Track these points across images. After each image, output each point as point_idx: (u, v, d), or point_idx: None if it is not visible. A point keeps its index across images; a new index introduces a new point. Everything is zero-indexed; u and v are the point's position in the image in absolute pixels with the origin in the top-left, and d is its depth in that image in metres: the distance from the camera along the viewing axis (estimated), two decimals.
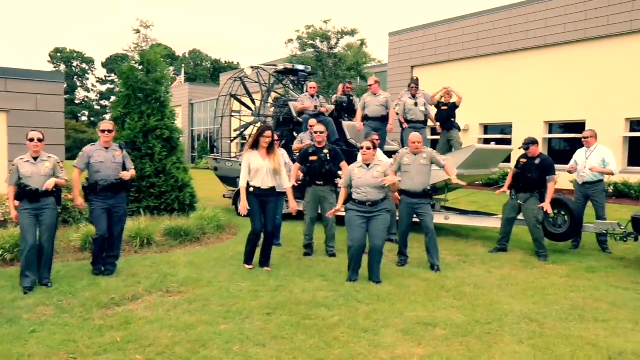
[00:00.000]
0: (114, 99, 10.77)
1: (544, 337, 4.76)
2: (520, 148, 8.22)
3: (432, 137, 19.58)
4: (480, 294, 6.04)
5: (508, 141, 19.79)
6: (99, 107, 76.39)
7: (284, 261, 7.54)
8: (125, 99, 10.27)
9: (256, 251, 7.13)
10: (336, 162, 7.94)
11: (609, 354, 4.42)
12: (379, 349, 4.48)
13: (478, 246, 8.83)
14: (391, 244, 8.54)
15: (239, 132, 14.44)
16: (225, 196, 13.31)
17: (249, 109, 13.88)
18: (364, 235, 6.48)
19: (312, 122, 9.57)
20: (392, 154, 8.95)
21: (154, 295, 5.86)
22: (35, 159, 6.13)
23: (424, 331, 4.87)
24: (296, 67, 13.47)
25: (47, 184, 6.02)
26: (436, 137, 12.48)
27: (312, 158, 8.00)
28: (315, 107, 11.09)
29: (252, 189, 6.82)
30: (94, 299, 5.64)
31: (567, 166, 9.08)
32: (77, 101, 75.13)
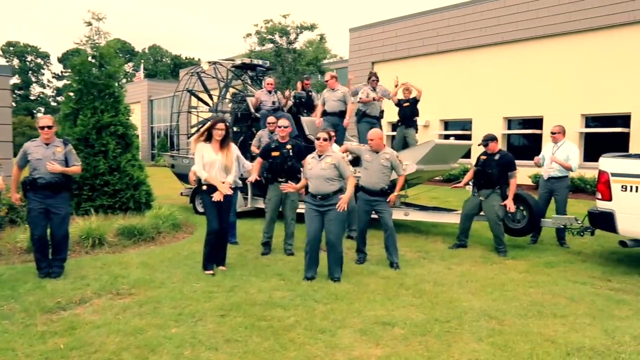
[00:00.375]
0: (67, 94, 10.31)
1: (503, 335, 4.70)
2: (479, 145, 8.20)
3: (393, 133, 19.57)
4: (440, 291, 5.97)
5: (468, 137, 19.92)
6: (55, 104, 74.29)
7: (240, 260, 7.34)
8: (77, 94, 9.92)
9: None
10: (299, 158, 7.70)
11: (567, 350, 4.39)
12: (336, 350, 4.34)
13: (438, 242, 8.79)
14: (351, 241, 8.42)
15: (196, 129, 14.11)
16: (182, 194, 13.02)
17: (206, 104, 13.59)
18: (318, 228, 6.33)
19: (271, 119, 9.39)
20: None
21: (103, 298, 5.59)
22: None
23: (382, 331, 4.75)
24: (254, 62, 13.25)
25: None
26: (394, 132, 12.39)
27: (274, 153, 7.79)
28: (274, 102, 10.90)
29: (205, 186, 6.56)
30: (38, 304, 5.34)
31: (534, 160, 9.03)
32: (32, 97, 73.04)
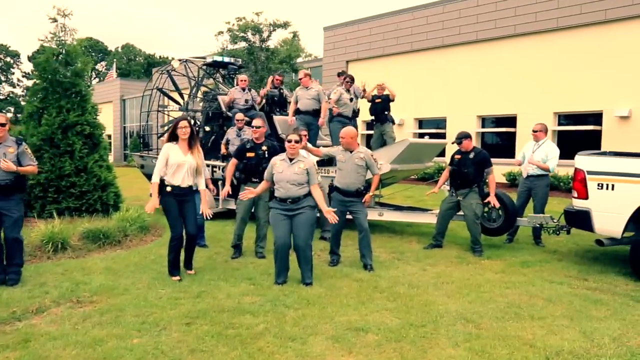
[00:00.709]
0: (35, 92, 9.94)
1: (480, 339, 4.53)
2: (453, 143, 8.06)
3: (368, 131, 19.48)
4: (415, 293, 5.79)
5: (443, 136, 19.87)
6: (25, 103, 72.83)
7: (209, 264, 7.08)
8: (42, 92, 9.57)
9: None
10: None
11: (546, 354, 4.25)
12: (307, 359, 4.13)
13: (413, 242, 8.63)
14: (324, 242, 8.22)
15: (167, 128, 13.80)
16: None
17: (177, 103, 13.26)
18: (287, 233, 6.10)
19: (239, 115, 9.14)
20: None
21: (62, 307, 5.29)
22: None
23: (355, 337, 4.55)
24: (226, 59, 12.97)
25: None
26: (370, 131, 12.21)
27: (249, 154, 7.50)
28: (247, 100, 10.65)
29: (169, 187, 6.25)
30: None
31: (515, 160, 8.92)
32: (1, 96, 71.48)
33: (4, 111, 67.43)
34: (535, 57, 17.95)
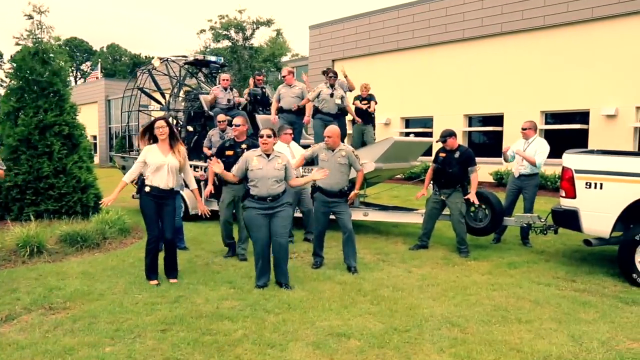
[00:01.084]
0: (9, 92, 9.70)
1: (466, 344, 4.39)
2: (437, 141, 7.92)
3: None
4: (399, 297, 5.63)
5: (429, 134, 19.75)
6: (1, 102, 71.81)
7: (189, 267, 6.87)
8: (18, 92, 9.36)
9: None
10: None
11: None
12: None
13: (399, 243, 8.48)
14: (308, 244, 8.05)
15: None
16: (134, 196, 12.44)
17: (158, 102, 13.03)
18: (268, 234, 5.92)
19: (221, 117, 8.96)
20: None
21: (34, 314, 5.08)
22: None
23: (337, 343, 4.38)
24: (207, 58, 12.75)
25: None
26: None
27: (228, 153, 7.31)
28: (229, 100, 10.46)
29: (148, 188, 6.05)
30: None
31: (502, 151, 8.71)
32: None
33: None
34: (522, 56, 17.87)
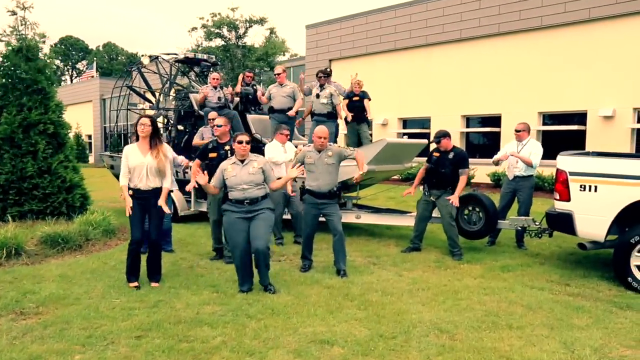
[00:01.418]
0: None
1: (454, 352, 4.21)
2: (431, 142, 7.74)
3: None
4: (388, 301, 5.44)
5: (427, 135, 19.57)
6: None
7: (173, 270, 6.68)
8: (1, 89, 9.13)
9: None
10: None
11: None
12: None
13: (391, 246, 8.29)
14: (297, 246, 7.87)
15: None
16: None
17: (147, 101, 12.83)
18: (246, 240, 5.74)
19: (212, 114, 8.77)
20: None
21: (3, 319, 4.88)
22: None
23: (319, 351, 4.20)
24: (198, 56, 12.55)
25: None
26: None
27: (211, 155, 7.14)
28: (219, 98, 10.27)
29: (131, 192, 5.87)
30: None
31: (494, 157, 8.51)
32: None
33: None
34: (520, 56, 17.72)
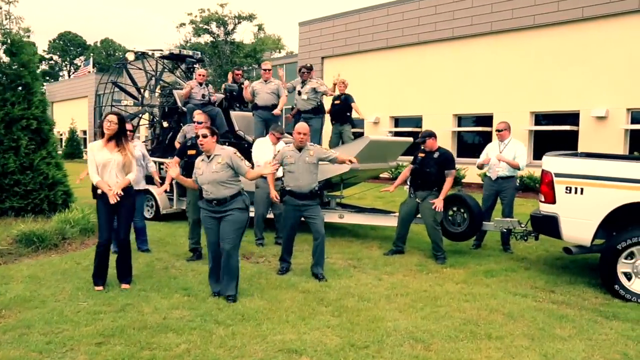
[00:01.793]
0: None
1: None
2: (416, 142, 7.55)
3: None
4: (364, 307, 5.24)
5: (417, 135, 19.39)
6: None
7: (146, 271, 6.46)
8: None
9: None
10: None
11: None
12: None
13: (374, 248, 8.08)
14: (277, 247, 7.66)
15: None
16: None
17: (133, 97, 12.61)
18: (218, 238, 5.55)
19: (197, 113, 8.56)
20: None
21: None
22: None
23: None
24: (184, 52, 12.33)
25: None
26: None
27: (190, 152, 6.95)
28: (204, 95, 10.05)
29: (100, 190, 5.65)
30: None
31: (478, 161, 8.39)
32: None
33: None
34: (512, 55, 17.53)
